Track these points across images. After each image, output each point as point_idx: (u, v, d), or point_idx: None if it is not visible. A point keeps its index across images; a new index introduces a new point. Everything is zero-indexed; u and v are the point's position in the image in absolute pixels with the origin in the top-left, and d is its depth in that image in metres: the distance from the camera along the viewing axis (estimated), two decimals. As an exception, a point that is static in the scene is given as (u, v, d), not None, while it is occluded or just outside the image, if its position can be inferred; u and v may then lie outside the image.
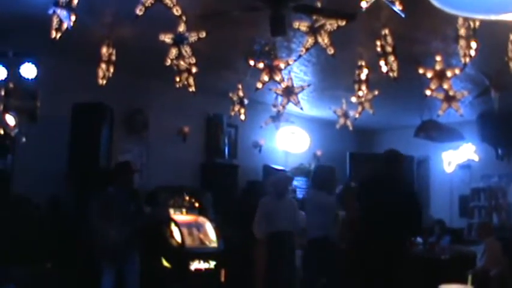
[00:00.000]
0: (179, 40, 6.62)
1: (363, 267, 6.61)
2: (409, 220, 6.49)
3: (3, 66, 7.32)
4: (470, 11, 1.81)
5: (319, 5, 6.01)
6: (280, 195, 8.05)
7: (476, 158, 12.71)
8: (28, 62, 7.40)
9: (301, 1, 5.75)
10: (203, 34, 6.57)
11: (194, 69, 7.31)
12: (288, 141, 12.65)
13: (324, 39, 6.28)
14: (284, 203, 8.02)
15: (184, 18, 6.18)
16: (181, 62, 7.07)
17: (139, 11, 5.77)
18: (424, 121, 10.10)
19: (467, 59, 6.40)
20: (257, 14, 5.87)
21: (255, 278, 8.28)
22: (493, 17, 1.70)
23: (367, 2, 5.42)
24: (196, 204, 9.52)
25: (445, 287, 2.91)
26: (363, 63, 7.86)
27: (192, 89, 7.47)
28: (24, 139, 7.32)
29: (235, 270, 9.02)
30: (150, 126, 10.19)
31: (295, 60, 7.89)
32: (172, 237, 8.66)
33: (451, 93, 8.08)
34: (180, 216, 9.10)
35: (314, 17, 6.21)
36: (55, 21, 5.68)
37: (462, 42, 6.32)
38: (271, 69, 7.62)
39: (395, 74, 6.70)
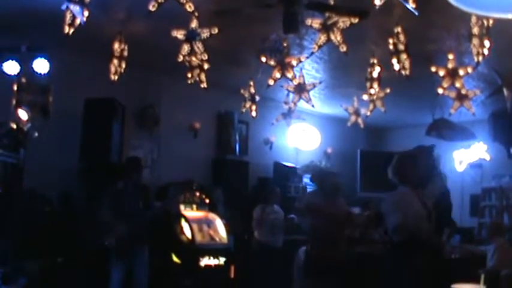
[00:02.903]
0: (191, 36, 6.63)
1: None
2: None
3: (16, 61, 7.36)
4: (486, 10, 1.80)
5: (332, 2, 6.01)
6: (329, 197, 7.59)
7: (487, 157, 12.65)
8: (41, 57, 7.43)
9: (314, -2, 5.75)
10: (215, 30, 6.57)
11: (206, 66, 7.30)
12: (299, 139, 12.63)
13: (336, 37, 6.28)
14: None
15: (196, 14, 6.21)
16: (194, 58, 7.07)
17: (152, 7, 5.78)
18: (436, 119, 10.06)
19: (480, 58, 6.38)
20: (270, 11, 5.87)
21: None
22: (509, 16, 1.70)
23: (380, -1, 5.41)
24: (207, 201, 9.53)
25: (457, 286, 2.89)
26: (375, 61, 7.84)
27: (203, 85, 7.47)
28: (36, 134, 7.35)
29: (244, 266, 9.04)
30: (162, 122, 10.20)
31: (307, 58, 7.88)
32: (183, 233, 8.68)
33: (463, 91, 8.05)
34: (190, 212, 9.12)
35: (327, 14, 6.21)
36: (68, 16, 5.70)
37: (475, 41, 6.30)
38: (283, 66, 7.62)
39: (407, 72, 6.67)
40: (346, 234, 7.32)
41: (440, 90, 7.71)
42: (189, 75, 7.38)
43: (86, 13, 5.64)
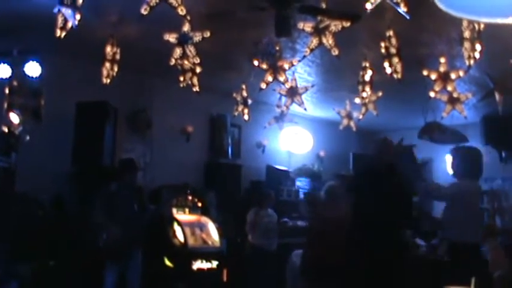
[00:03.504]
0: (184, 40, 6.63)
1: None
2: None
3: (7, 64, 7.34)
4: (476, 14, 1.81)
5: (324, 5, 6.01)
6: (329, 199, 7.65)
7: (479, 160, 12.68)
8: (32, 60, 7.41)
9: (306, 2, 5.75)
10: (207, 34, 6.57)
11: (198, 69, 7.31)
12: (292, 142, 12.64)
13: (328, 40, 6.28)
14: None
15: (189, 17, 6.19)
16: (186, 62, 7.08)
17: (144, 10, 5.77)
18: (428, 123, 10.08)
19: (472, 61, 6.39)
20: (262, 15, 5.87)
21: None
22: (499, 20, 1.70)
23: (372, 3, 5.42)
24: (199, 204, 9.52)
25: (449, 289, 2.91)
26: (367, 65, 7.86)
27: (196, 88, 7.47)
28: (28, 137, 7.33)
29: (237, 270, 9.03)
30: (154, 125, 10.19)
31: (299, 61, 7.89)
32: (175, 236, 8.67)
33: (455, 95, 8.08)
34: (183, 216, 9.10)
35: (319, 18, 6.21)
36: (60, 19, 5.68)
37: (467, 44, 6.31)
38: (275, 70, 7.62)
39: (399, 76, 6.69)
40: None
41: (432, 94, 7.73)
42: (182, 78, 7.38)
43: (78, 16, 5.62)
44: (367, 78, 7.94)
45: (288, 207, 11.14)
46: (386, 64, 6.65)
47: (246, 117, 9.08)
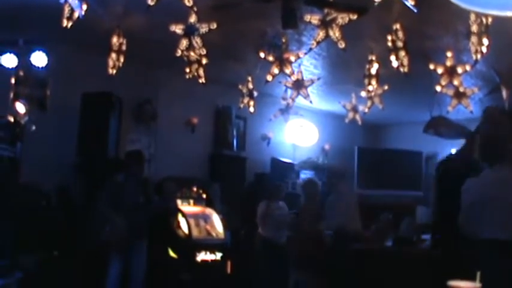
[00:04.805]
0: (190, 31, 6.63)
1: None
2: None
3: (13, 54, 7.33)
4: (484, 6, 1.79)
5: (331, -2, 6.01)
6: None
7: (485, 155, 12.62)
8: (39, 50, 7.41)
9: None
10: (214, 25, 6.56)
11: (204, 61, 7.30)
12: (297, 135, 12.63)
13: (335, 33, 6.27)
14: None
15: (195, 9, 6.19)
16: (192, 53, 7.07)
17: (151, 1, 5.77)
18: (434, 117, 10.06)
19: (479, 56, 6.37)
20: (268, 6, 5.87)
21: None
22: (508, 13, 1.69)
23: (379, -4, 5.40)
24: (204, 196, 9.53)
25: (454, 283, 2.86)
26: (374, 58, 7.83)
27: (202, 80, 7.46)
28: (33, 127, 7.33)
29: (241, 262, 9.04)
30: (159, 116, 10.19)
31: (305, 54, 7.88)
32: (179, 228, 8.68)
33: (461, 89, 8.06)
34: (187, 208, 9.11)
35: (326, 10, 6.20)
36: (66, 10, 5.68)
37: (474, 39, 6.29)
38: (282, 62, 7.61)
39: (405, 69, 6.66)
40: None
41: (438, 88, 7.71)
42: (188, 70, 7.37)
43: (85, 7, 5.62)
44: (373, 71, 7.92)
45: (292, 200, 11.13)
46: (392, 57, 6.63)
47: (251, 109, 9.08)
